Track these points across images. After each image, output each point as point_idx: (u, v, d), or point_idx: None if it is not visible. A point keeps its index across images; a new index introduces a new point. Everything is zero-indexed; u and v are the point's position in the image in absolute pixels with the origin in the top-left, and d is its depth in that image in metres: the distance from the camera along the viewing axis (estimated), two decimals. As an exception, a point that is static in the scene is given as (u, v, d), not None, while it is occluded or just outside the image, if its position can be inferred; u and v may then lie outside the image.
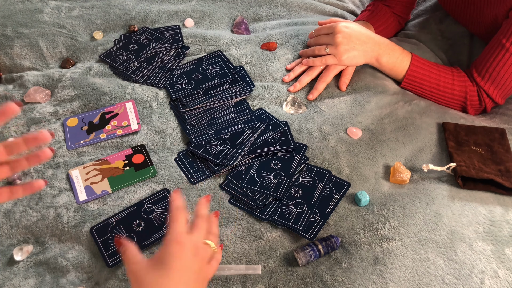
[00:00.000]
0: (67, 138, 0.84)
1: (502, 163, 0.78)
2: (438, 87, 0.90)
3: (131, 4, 1.10)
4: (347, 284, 0.64)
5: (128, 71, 0.95)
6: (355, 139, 0.83)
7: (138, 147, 0.82)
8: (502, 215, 0.73)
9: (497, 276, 0.66)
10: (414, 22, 1.14)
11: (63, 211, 0.73)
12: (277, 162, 0.80)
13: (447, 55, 1.05)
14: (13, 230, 0.72)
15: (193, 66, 0.96)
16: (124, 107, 0.88)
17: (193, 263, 0.53)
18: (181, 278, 0.51)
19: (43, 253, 0.69)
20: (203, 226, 0.58)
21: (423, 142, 0.83)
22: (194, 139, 0.83)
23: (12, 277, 0.67)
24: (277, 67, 0.96)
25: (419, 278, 0.65)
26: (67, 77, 0.93)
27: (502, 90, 0.88)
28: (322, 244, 0.67)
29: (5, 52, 0.98)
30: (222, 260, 0.68)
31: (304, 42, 1.02)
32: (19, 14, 1.05)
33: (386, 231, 0.70)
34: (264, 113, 0.88)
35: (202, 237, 0.57)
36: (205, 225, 0.58)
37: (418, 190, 0.76)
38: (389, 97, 0.90)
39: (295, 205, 0.74)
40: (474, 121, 0.89)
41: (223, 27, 1.07)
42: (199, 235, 0.56)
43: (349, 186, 0.76)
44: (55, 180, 0.77)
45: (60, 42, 1.01)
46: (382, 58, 0.91)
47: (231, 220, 0.72)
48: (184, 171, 0.79)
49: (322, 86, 0.92)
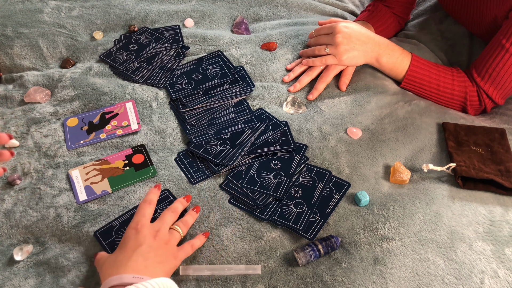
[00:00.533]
0: (67, 138, 0.84)
1: (502, 163, 0.78)
2: (438, 87, 0.90)
3: (131, 4, 1.10)
4: (347, 284, 0.64)
5: (128, 71, 0.95)
6: (355, 139, 0.83)
7: (138, 147, 0.82)
8: (502, 215, 0.73)
9: (497, 276, 0.66)
10: (414, 22, 1.14)
11: (63, 211, 0.73)
12: (277, 162, 0.80)
13: (447, 55, 1.05)
14: (13, 230, 0.72)
15: (193, 66, 0.96)
16: (124, 107, 0.88)
17: (152, 242, 0.61)
18: (137, 253, 0.60)
19: (43, 253, 0.69)
20: (168, 216, 0.67)
21: (423, 142, 0.83)
22: (194, 139, 0.83)
23: (12, 277, 0.67)
24: (277, 67, 0.96)
25: (419, 278, 0.65)
26: (67, 77, 0.93)
27: (501, 90, 0.88)
28: (322, 244, 0.67)
29: (5, 52, 0.98)
30: (222, 260, 0.68)
31: (304, 42, 1.02)
32: (19, 14, 1.05)
33: (386, 231, 0.70)
34: (264, 113, 0.88)
35: (165, 224, 0.65)
36: (172, 215, 0.67)
37: (418, 190, 0.76)
38: (389, 97, 0.90)
39: (295, 205, 0.74)
40: (474, 121, 0.89)
41: (223, 27, 1.07)
42: (162, 222, 0.65)
43: (349, 186, 0.76)
44: (55, 180, 0.77)
45: (60, 42, 1.01)
46: (382, 58, 0.91)
47: (231, 220, 0.72)
48: (184, 171, 0.79)
49: (322, 86, 0.92)
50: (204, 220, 0.72)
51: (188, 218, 0.70)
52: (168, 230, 0.66)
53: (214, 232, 0.71)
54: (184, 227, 0.68)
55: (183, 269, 0.66)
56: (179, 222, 0.68)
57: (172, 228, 0.67)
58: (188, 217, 0.70)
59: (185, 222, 0.69)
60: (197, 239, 0.68)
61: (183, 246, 0.66)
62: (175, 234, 0.66)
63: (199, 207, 0.73)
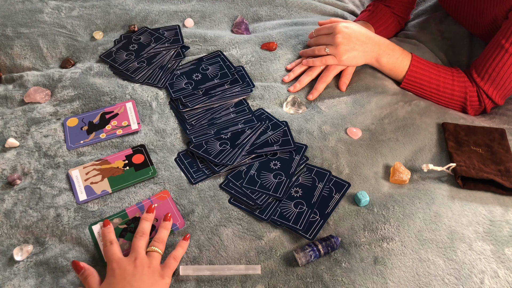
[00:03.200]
0: (67, 138, 0.84)
1: (502, 163, 0.78)
2: (438, 88, 0.90)
3: (131, 4, 1.10)
4: (347, 284, 0.64)
5: (128, 71, 0.95)
6: (355, 139, 0.83)
7: (138, 147, 0.82)
8: (502, 215, 0.73)
9: (497, 276, 0.66)
10: (414, 22, 1.14)
11: (63, 211, 0.73)
12: (277, 162, 0.80)
13: (447, 55, 1.05)
14: (13, 230, 0.72)
15: (193, 66, 0.96)
16: (124, 107, 0.88)
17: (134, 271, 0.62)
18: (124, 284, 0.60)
19: (43, 253, 0.69)
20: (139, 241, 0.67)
21: (423, 142, 0.83)
22: (194, 139, 0.83)
23: (12, 277, 0.66)
24: (277, 67, 0.96)
25: (419, 278, 0.65)
26: (67, 77, 0.93)
27: (501, 90, 0.88)
28: (322, 244, 0.67)
29: (5, 52, 0.98)
30: (222, 260, 0.68)
31: (304, 42, 1.02)
32: (19, 14, 1.05)
33: (386, 231, 0.70)
34: (264, 113, 0.88)
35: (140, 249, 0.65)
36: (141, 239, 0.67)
37: (418, 190, 0.76)
38: (389, 97, 0.90)
39: (295, 205, 0.74)
40: (474, 122, 0.89)
41: (223, 27, 1.07)
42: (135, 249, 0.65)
43: (349, 186, 0.76)
44: (55, 180, 0.77)
45: (60, 42, 1.01)
46: (382, 58, 0.91)
47: (231, 220, 0.72)
48: (184, 171, 0.79)
49: (322, 87, 0.92)
50: (204, 220, 0.72)
51: (161, 234, 0.68)
52: (145, 255, 0.65)
53: (214, 232, 0.71)
54: (160, 244, 0.67)
55: (183, 269, 0.66)
56: (154, 242, 0.67)
57: (149, 250, 0.65)
58: (161, 232, 0.69)
59: (160, 239, 0.67)
60: (179, 247, 0.67)
61: (166, 262, 0.65)
62: (154, 255, 0.65)
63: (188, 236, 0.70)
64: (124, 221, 0.72)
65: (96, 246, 0.69)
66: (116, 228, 0.71)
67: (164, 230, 0.69)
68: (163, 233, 0.69)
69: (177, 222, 0.72)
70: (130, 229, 0.71)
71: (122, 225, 0.71)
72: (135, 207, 0.74)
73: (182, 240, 0.68)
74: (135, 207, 0.74)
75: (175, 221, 0.72)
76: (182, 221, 0.72)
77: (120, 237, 0.70)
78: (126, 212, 0.73)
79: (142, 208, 0.73)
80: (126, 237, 0.70)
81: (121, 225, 0.72)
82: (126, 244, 0.69)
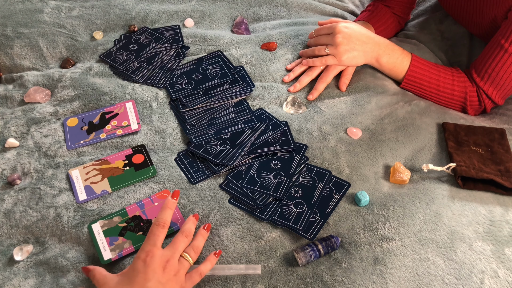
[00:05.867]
0: (67, 138, 0.84)
1: (502, 163, 0.78)
2: (438, 88, 0.91)
3: (131, 4, 1.10)
4: (347, 284, 0.64)
5: (128, 71, 0.95)
6: (355, 139, 0.83)
7: (138, 147, 0.82)
8: (502, 215, 0.73)
9: (497, 276, 0.66)
10: (414, 22, 1.14)
11: (63, 211, 0.73)
12: (277, 162, 0.80)
13: (447, 55, 1.05)
14: (13, 230, 0.72)
15: (193, 66, 0.96)
16: (124, 107, 0.88)
17: (161, 276, 0.58)
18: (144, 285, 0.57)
19: (43, 253, 0.69)
20: (181, 242, 0.64)
21: (423, 142, 0.83)
22: (194, 139, 0.83)
23: (12, 277, 0.67)
24: (277, 67, 0.96)
25: (419, 278, 0.65)
26: (67, 77, 0.93)
27: (501, 90, 0.88)
28: (322, 244, 0.67)
29: (5, 52, 0.98)
30: (222, 260, 0.68)
31: (304, 42, 1.02)
32: (19, 14, 1.05)
33: (386, 231, 0.70)
34: (264, 113, 0.88)
35: (177, 252, 0.62)
36: (185, 241, 0.64)
37: (418, 190, 0.76)
38: (389, 97, 0.90)
39: (295, 205, 0.74)
40: (474, 122, 0.89)
41: (223, 27, 1.07)
42: (174, 250, 0.62)
43: (349, 186, 0.76)
44: (55, 180, 0.77)
45: (60, 42, 1.01)
46: (382, 58, 0.91)
47: (231, 220, 0.72)
48: (184, 171, 0.79)
49: (322, 87, 0.92)
50: (204, 220, 0.72)
51: (199, 242, 0.66)
52: (178, 260, 0.62)
53: (214, 232, 0.71)
54: (194, 254, 0.65)
55: (183, 269, 0.66)
56: (190, 249, 0.64)
57: (182, 256, 0.63)
58: (198, 240, 0.67)
59: (196, 248, 0.65)
60: (208, 262, 0.65)
61: (192, 275, 0.63)
62: (184, 263, 0.62)
63: (209, 225, 0.70)
64: (124, 220, 0.72)
65: (95, 245, 0.69)
66: (116, 226, 0.71)
67: (202, 239, 0.67)
68: (200, 242, 0.67)
69: (177, 221, 0.72)
70: (130, 228, 0.71)
71: (122, 224, 0.71)
72: (135, 206, 0.74)
73: (212, 255, 0.66)
74: (135, 205, 0.74)
75: (176, 220, 0.72)
76: (182, 220, 0.72)
77: (120, 236, 0.70)
78: (126, 210, 0.73)
79: (142, 207, 0.73)
80: (126, 235, 0.70)
81: (121, 223, 0.72)
82: (126, 243, 0.69)
